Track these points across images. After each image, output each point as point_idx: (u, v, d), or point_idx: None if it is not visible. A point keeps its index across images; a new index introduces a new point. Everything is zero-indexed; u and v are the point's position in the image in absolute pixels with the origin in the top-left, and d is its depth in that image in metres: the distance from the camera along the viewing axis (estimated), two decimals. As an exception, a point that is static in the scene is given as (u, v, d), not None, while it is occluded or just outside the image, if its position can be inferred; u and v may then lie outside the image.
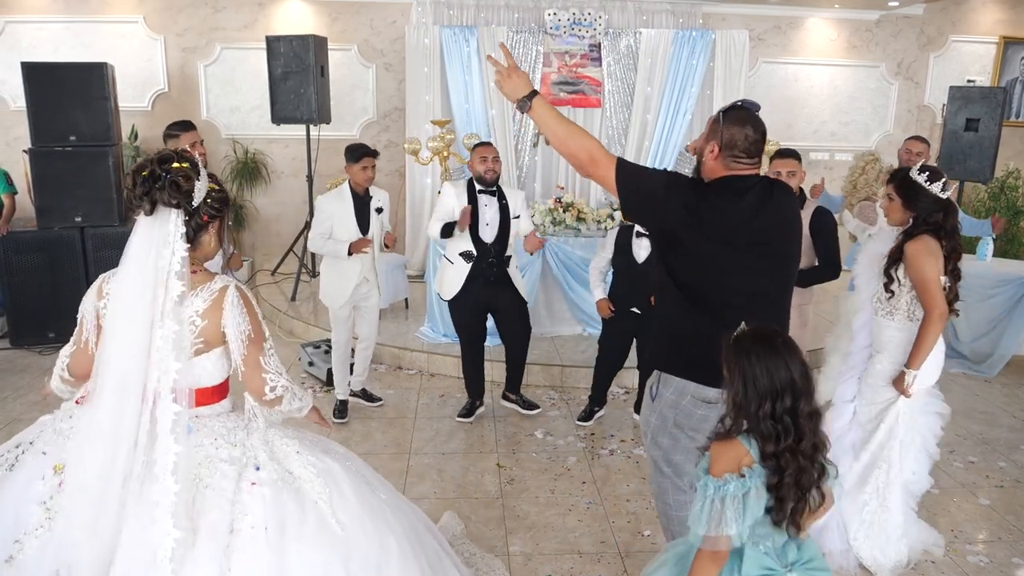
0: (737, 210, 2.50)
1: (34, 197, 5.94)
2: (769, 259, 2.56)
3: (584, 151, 2.52)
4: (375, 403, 5.03)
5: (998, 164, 6.85)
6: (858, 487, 3.34)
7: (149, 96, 7.91)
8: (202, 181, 2.16)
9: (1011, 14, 8.75)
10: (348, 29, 8.07)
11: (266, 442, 2.27)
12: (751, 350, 1.90)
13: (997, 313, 5.78)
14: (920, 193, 3.11)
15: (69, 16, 7.65)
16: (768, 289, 2.58)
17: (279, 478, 2.19)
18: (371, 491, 2.39)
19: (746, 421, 1.90)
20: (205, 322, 2.16)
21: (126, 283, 2.13)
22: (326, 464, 2.29)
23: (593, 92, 7.86)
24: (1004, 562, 3.46)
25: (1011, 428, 4.95)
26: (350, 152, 4.60)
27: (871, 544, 3.35)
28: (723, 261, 2.49)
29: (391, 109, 8.24)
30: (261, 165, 8.17)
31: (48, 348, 5.92)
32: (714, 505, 1.84)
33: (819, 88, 8.72)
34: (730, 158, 2.52)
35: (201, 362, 2.20)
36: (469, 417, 4.86)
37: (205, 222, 2.22)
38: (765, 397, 1.86)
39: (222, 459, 2.17)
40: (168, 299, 2.08)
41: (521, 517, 3.74)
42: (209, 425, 2.24)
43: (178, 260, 2.11)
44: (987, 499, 4.03)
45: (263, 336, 2.26)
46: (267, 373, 2.25)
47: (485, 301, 4.70)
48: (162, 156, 2.14)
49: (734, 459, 1.89)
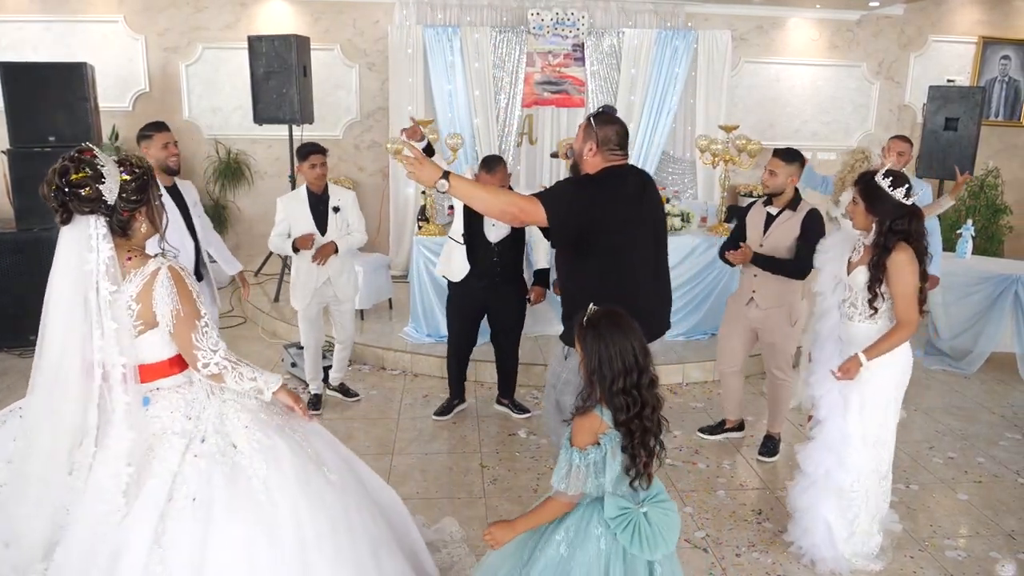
0: (625, 192, 3.04)
1: (13, 198, 5.89)
2: (654, 231, 3.16)
3: (511, 205, 2.92)
4: (352, 398, 5.06)
5: (977, 163, 6.93)
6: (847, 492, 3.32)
7: (130, 96, 7.85)
8: (108, 181, 2.15)
9: (990, 14, 8.83)
10: (331, 29, 8.04)
11: (219, 414, 2.35)
12: (605, 333, 2.17)
13: (976, 310, 5.84)
14: (882, 198, 3.08)
15: (48, 16, 7.59)
16: (659, 260, 3.18)
17: (218, 451, 2.26)
18: (317, 471, 2.41)
19: (600, 394, 2.18)
20: (139, 305, 2.21)
21: (56, 288, 2.18)
22: (272, 441, 2.34)
23: (576, 92, 7.88)
24: (982, 557, 3.50)
25: (990, 424, 5.00)
26: (299, 151, 4.65)
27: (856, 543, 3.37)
28: (626, 235, 3.00)
29: (374, 109, 8.23)
30: (244, 166, 8.13)
31: (28, 351, 5.86)
32: (578, 471, 2.18)
33: (801, 88, 8.77)
34: (607, 151, 3.05)
35: (147, 339, 2.25)
36: (445, 415, 4.86)
37: (126, 217, 2.24)
38: (618, 375, 2.15)
39: (175, 431, 2.27)
40: (101, 300, 2.14)
41: (504, 516, 3.73)
42: (168, 397, 2.32)
43: (104, 261, 2.15)
44: (965, 494, 4.07)
45: (197, 314, 2.27)
46: (198, 349, 2.26)
47: (483, 301, 4.69)
48: (61, 168, 2.13)
49: (592, 430, 2.20)
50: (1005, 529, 3.73)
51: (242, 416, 2.36)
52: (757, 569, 3.37)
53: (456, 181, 2.80)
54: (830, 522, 3.32)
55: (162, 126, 4.13)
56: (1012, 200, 8.68)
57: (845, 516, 3.32)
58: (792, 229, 4.11)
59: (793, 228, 4.10)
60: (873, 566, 3.36)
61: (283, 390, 2.46)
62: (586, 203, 2.96)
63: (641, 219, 3.09)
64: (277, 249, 4.80)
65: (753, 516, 3.82)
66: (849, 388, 3.22)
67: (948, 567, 3.41)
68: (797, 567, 3.38)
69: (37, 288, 6.49)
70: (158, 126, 4.12)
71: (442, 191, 2.77)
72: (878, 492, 3.35)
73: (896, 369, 3.23)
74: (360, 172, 8.33)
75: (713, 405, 5.16)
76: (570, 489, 2.20)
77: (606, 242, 2.99)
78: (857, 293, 3.21)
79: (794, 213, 4.13)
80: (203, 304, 2.31)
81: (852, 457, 3.26)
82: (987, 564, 3.44)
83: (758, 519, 3.78)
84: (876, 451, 3.28)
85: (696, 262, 5.95)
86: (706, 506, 3.90)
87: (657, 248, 3.20)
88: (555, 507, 2.27)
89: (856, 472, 3.28)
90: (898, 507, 3.85)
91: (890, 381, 3.24)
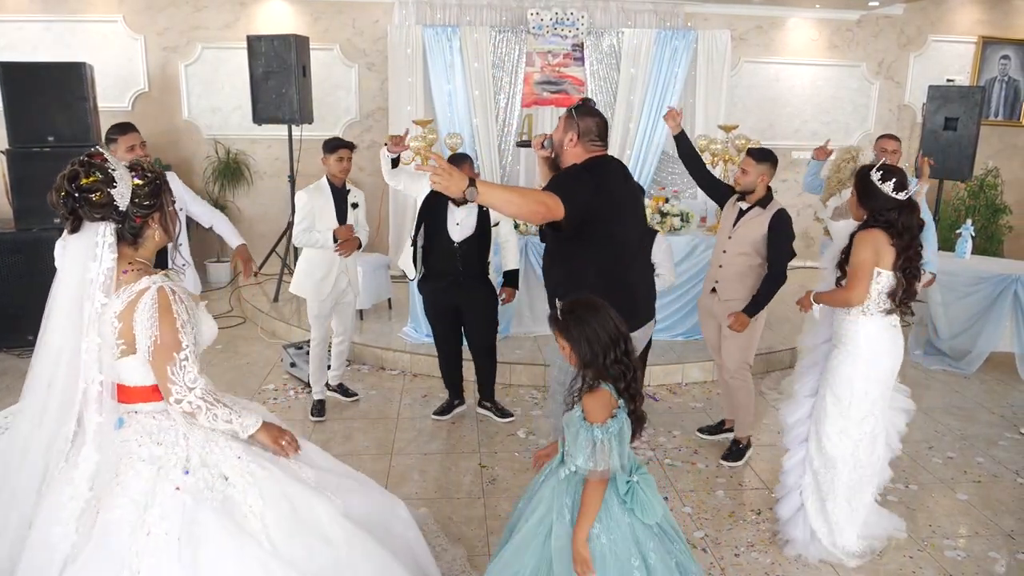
0: (615, 180, 3.12)
1: (12, 198, 5.89)
2: (639, 218, 3.34)
3: (540, 204, 2.86)
4: (351, 398, 5.06)
5: (977, 163, 6.92)
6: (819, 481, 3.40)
7: (129, 96, 7.85)
8: (120, 185, 2.08)
9: (990, 14, 8.83)
10: (330, 29, 8.04)
11: (206, 442, 2.20)
12: (584, 316, 2.33)
13: (976, 310, 5.83)
14: (873, 192, 3.16)
15: (48, 16, 7.59)
16: (643, 249, 3.41)
17: (206, 486, 2.12)
18: (320, 498, 2.28)
19: (598, 372, 2.32)
20: (121, 324, 2.11)
21: (56, 299, 2.13)
22: (268, 472, 2.21)
23: (576, 92, 7.87)
24: (981, 556, 3.50)
25: (989, 424, 5.00)
26: (326, 144, 4.66)
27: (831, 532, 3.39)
28: (619, 223, 3.08)
29: (374, 109, 8.22)
30: (243, 166, 8.13)
31: (27, 351, 5.86)
32: (603, 445, 2.28)
33: (800, 88, 8.77)
34: (588, 142, 3.10)
35: (128, 363, 2.15)
36: (444, 415, 4.86)
37: (139, 223, 2.16)
38: (608, 348, 2.31)
39: (141, 458, 2.13)
40: (92, 311, 2.08)
41: (503, 516, 3.74)
42: (142, 422, 2.19)
43: (103, 271, 2.08)
44: (965, 494, 4.06)
45: (177, 345, 2.12)
46: (173, 384, 2.13)
47: (453, 300, 4.64)
48: (70, 173, 2.07)
49: (607, 404, 2.32)
50: (1004, 529, 3.73)
51: (233, 446, 2.22)
52: (756, 569, 3.37)
53: (484, 188, 2.71)
54: (804, 502, 3.43)
55: (127, 128, 4.08)
56: (1012, 200, 8.68)
57: (818, 497, 3.39)
58: (760, 226, 4.16)
59: (761, 225, 4.16)
60: (848, 561, 3.37)
61: (263, 431, 2.30)
62: (589, 191, 2.99)
63: (629, 207, 3.20)
64: (304, 243, 4.65)
65: (752, 516, 3.81)
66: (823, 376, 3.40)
67: (947, 567, 3.41)
68: (796, 567, 3.38)
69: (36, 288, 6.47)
70: (123, 128, 4.07)
71: (472, 200, 2.67)
72: (852, 481, 3.37)
73: (862, 364, 3.26)
74: (360, 172, 8.31)
75: (713, 405, 5.15)
76: (599, 465, 2.28)
77: (603, 230, 3.03)
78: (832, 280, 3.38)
79: (763, 211, 4.20)
80: (186, 334, 2.14)
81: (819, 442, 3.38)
82: (986, 564, 3.44)
83: (757, 519, 3.78)
84: (840, 439, 3.32)
85: (695, 262, 5.95)
86: (705, 506, 3.89)
87: (641, 237, 3.41)
88: (596, 489, 2.33)
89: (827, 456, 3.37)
90: (897, 507, 3.86)
91: (853, 374, 3.27)
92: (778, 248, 4.12)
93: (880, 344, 3.27)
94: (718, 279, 4.30)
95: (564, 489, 2.43)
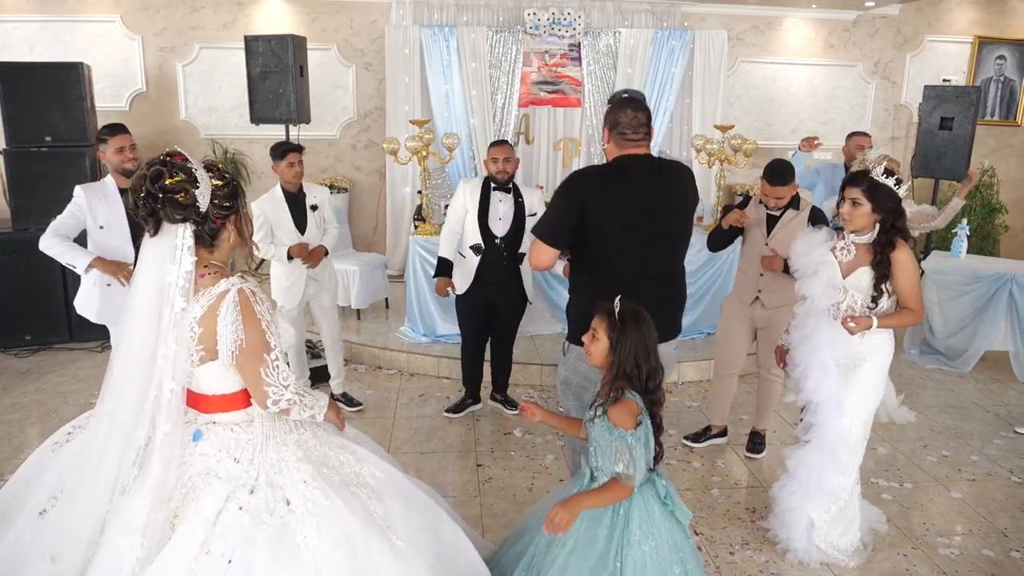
0: (626, 185, 2.89)
1: (9, 198, 5.90)
2: (661, 227, 2.96)
3: (531, 260, 3.00)
4: (355, 407, 5.02)
5: (973, 162, 6.93)
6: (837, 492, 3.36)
7: (127, 96, 7.85)
8: (203, 185, 2.04)
9: (986, 14, 8.85)
10: (328, 29, 8.05)
11: (278, 461, 2.13)
12: (635, 329, 2.38)
13: (971, 309, 5.85)
14: (890, 197, 3.07)
15: (45, 15, 7.59)
16: (664, 258, 3.03)
17: (266, 509, 2.05)
18: (380, 539, 2.13)
19: (628, 381, 2.37)
20: (201, 329, 2.05)
21: (135, 301, 2.06)
22: (330, 502, 2.10)
23: (573, 91, 7.89)
24: (975, 555, 3.51)
25: (983, 422, 5.01)
26: (274, 150, 4.60)
27: (833, 535, 3.39)
28: (626, 231, 2.87)
29: (371, 109, 8.23)
30: (241, 166, 8.12)
31: (24, 351, 5.88)
32: (636, 452, 2.32)
33: (797, 87, 8.78)
34: (619, 136, 2.92)
35: (208, 370, 2.09)
36: (458, 413, 4.89)
37: (219, 225, 2.12)
38: (645, 360, 2.38)
39: (218, 475, 2.07)
40: (172, 316, 2.01)
41: (498, 515, 3.76)
42: (220, 435, 2.14)
43: (183, 275, 2.02)
44: (959, 492, 4.08)
45: (266, 346, 2.08)
46: (269, 386, 2.09)
47: (489, 299, 4.68)
48: (153, 173, 2.00)
49: (633, 412, 2.35)
50: (998, 527, 3.75)
51: (303, 468, 2.14)
52: (751, 567, 3.39)
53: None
54: (814, 519, 3.36)
55: (117, 128, 4.03)
56: (1008, 199, 8.70)
57: (830, 512, 3.36)
58: (801, 226, 3.99)
59: (801, 225, 4.00)
60: (849, 561, 3.38)
61: (331, 409, 2.35)
62: (571, 206, 2.90)
63: (644, 214, 2.89)
64: (263, 254, 4.67)
65: (747, 514, 3.83)
66: (844, 388, 3.23)
67: (941, 565, 3.42)
68: (790, 566, 3.39)
69: (32, 288, 6.52)
70: (112, 129, 4.02)
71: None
72: (852, 481, 3.38)
73: (886, 362, 3.27)
74: (357, 172, 8.33)
75: (709, 405, 5.16)
76: (627, 470, 2.33)
77: (597, 239, 2.90)
78: (856, 295, 3.17)
79: (798, 212, 4.13)
80: (273, 334, 2.11)
81: (846, 456, 3.28)
82: (980, 562, 3.45)
83: (752, 517, 3.79)
84: (861, 447, 3.32)
85: (691, 261, 5.93)
86: (700, 505, 3.91)
87: (663, 245, 3.01)
88: (620, 490, 2.36)
89: (849, 471, 3.31)
90: (891, 505, 3.88)
91: (881, 382, 3.28)
92: None
93: (890, 345, 3.29)
94: (761, 288, 4.20)
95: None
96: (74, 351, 5.90)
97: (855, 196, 3.10)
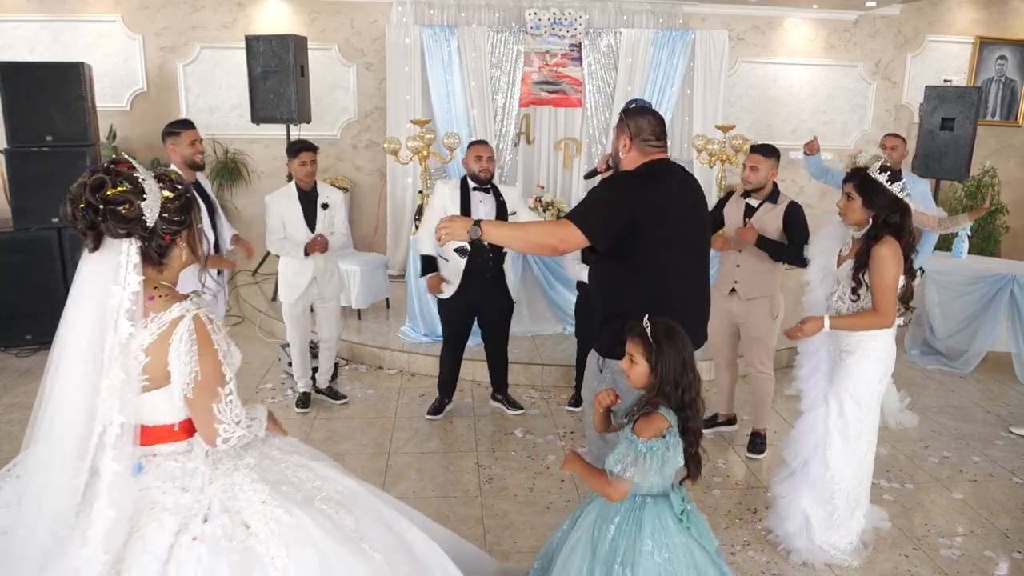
0: (665, 189, 2.80)
1: (10, 198, 5.89)
2: (695, 228, 2.90)
3: (549, 237, 2.77)
4: (340, 400, 5.06)
5: (974, 163, 6.93)
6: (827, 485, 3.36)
7: (127, 96, 7.85)
8: (150, 197, 1.84)
9: (986, 14, 8.85)
10: (328, 29, 8.05)
11: (230, 486, 1.97)
12: (670, 346, 2.35)
13: (972, 310, 5.85)
14: (881, 193, 3.12)
15: (46, 15, 7.59)
16: (697, 267, 2.93)
17: (224, 535, 1.88)
18: (354, 552, 2.01)
19: (665, 399, 2.35)
20: (149, 358, 1.85)
21: (71, 327, 1.84)
22: (295, 519, 1.95)
23: (574, 91, 7.89)
24: (976, 556, 3.51)
25: (985, 423, 5.01)
26: (289, 149, 4.72)
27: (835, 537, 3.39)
28: (666, 237, 2.75)
29: (372, 109, 8.23)
30: (241, 165, 8.13)
31: (25, 350, 5.87)
32: (643, 459, 2.29)
33: (798, 88, 8.78)
34: (643, 143, 2.84)
35: (152, 399, 1.90)
36: (437, 415, 4.88)
37: (168, 241, 1.93)
38: (682, 376, 2.36)
39: (165, 508, 1.89)
40: (117, 342, 1.81)
41: (499, 515, 3.75)
42: (163, 466, 1.95)
43: (129, 296, 1.81)
44: (960, 493, 4.08)
45: (221, 379, 1.91)
46: (221, 424, 1.91)
47: (475, 302, 4.69)
48: (94, 182, 1.80)
49: (659, 428, 2.33)
50: (1000, 528, 3.74)
51: (259, 489, 1.98)
52: (752, 567, 3.38)
53: (487, 226, 2.76)
54: (808, 514, 3.37)
55: (189, 124, 4.27)
56: (1009, 200, 8.70)
57: (824, 508, 3.36)
58: (774, 220, 4.18)
59: (775, 219, 4.17)
60: (851, 561, 3.38)
61: (270, 420, 2.20)
62: (623, 203, 2.73)
63: (682, 218, 2.83)
64: (277, 250, 4.74)
65: (748, 515, 3.82)
66: (835, 383, 3.29)
67: (943, 565, 3.42)
68: (792, 566, 3.39)
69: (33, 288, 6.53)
70: (185, 123, 4.26)
71: (475, 237, 2.72)
72: (857, 484, 3.37)
73: (881, 366, 3.27)
74: (357, 172, 8.33)
75: (708, 402, 5.15)
76: (631, 475, 2.29)
77: (643, 247, 2.74)
78: (845, 287, 3.24)
79: (775, 205, 4.22)
80: (229, 366, 1.96)
81: (832, 450, 3.30)
82: (982, 563, 3.45)
83: (753, 518, 3.79)
84: (856, 444, 3.31)
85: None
86: (701, 505, 3.90)
87: (695, 254, 2.93)
88: (602, 482, 2.38)
89: (836, 466, 3.32)
90: (892, 506, 3.87)
91: (874, 378, 3.28)
92: (798, 233, 4.12)
93: (892, 344, 3.29)
94: (737, 279, 4.28)
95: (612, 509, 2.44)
96: (75, 351, 5.88)
97: (849, 190, 3.22)
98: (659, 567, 2.33)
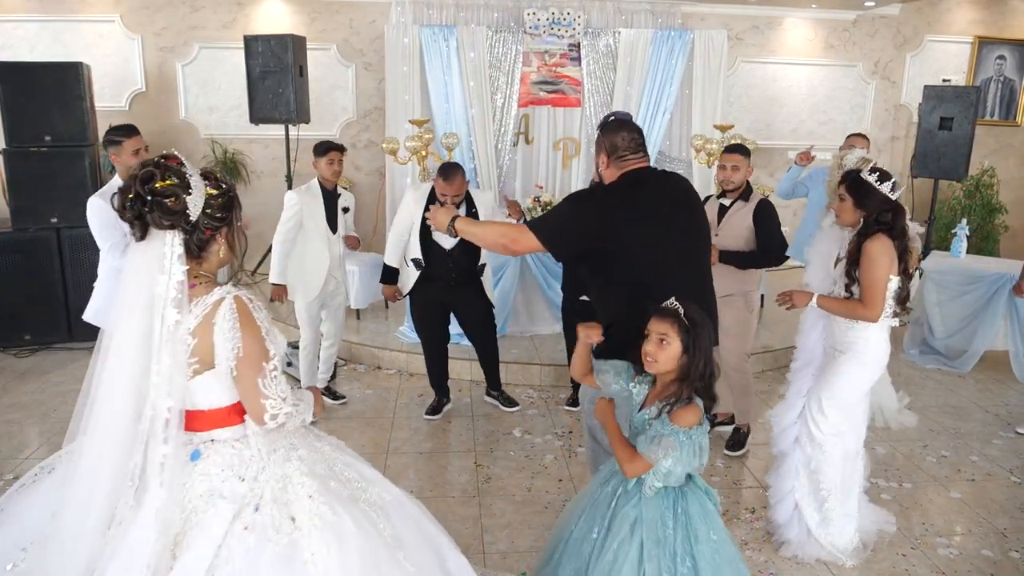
0: (642, 195, 2.80)
1: (9, 198, 5.90)
2: (680, 232, 2.85)
3: (502, 236, 2.88)
4: (339, 401, 5.07)
5: (973, 162, 6.93)
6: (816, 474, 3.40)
7: (126, 96, 7.85)
8: (195, 192, 1.93)
9: (985, 14, 8.85)
10: (327, 29, 8.04)
11: (282, 477, 2.02)
12: (703, 327, 2.36)
13: (971, 310, 5.85)
14: (871, 193, 3.15)
15: (45, 15, 7.59)
16: (687, 262, 2.87)
17: (272, 525, 1.92)
18: (390, 559, 2.02)
19: (692, 387, 2.37)
20: (196, 340, 1.93)
21: (121, 315, 1.93)
22: (338, 518, 1.98)
23: (573, 91, 7.89)
24: (974, 555, 3.51)
25: (983, 423, 5.01)
26: (317, 147, 4.72)
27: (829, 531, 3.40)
28: (645, 242, 2.73)
29: (371, 109, 8.23)
30: (240, 165, 8.12)
31: (24, 350, 5.88)
32: (680, 444, 2.31)
33: (797, 87, 8.78)
34: (619, 160, 2.86)
35: (203, 382, 1.97)
36: (435, 415, 4.89)
37: (208, 236, 2.01)
38: (709, 360, 2.38)
39: (223, 495, 1.95)
40: (164, 330, 1.89)
41: (497, 515, 3.76)
42: (222, 452, 2.02)
43: (175, 285, 1.90)
44: (959, 492, 4.08)
45: (265, 354, 1.97)
46: (267, 399, 1.96)
47: (442, 300, 4.71)
48: (144, 175, 1.89)
49: (698, 417, 2.36)
50: (998, 527, 3.75)
51: (307, 483, 2.02)
52: (750, 567, 3.36)
53: (460, 224, 2.93)
54: (799, 504, 3.41)
55: (133, 130, 4.01)
56: (1007, 199, 8.69)
57: (815, 497, 3.39)
58: (744, 218, 4.24)
59: (745, 218, 4.24)
60: (847, 560, 3.38)
61: (317, 403, 2.23)
62: (590, 216, 2.75)
63: (667, 224, 2.80)
64: (283, 242, 4.65)
65: (746, 514, 3.83)
66: (819, 379, 3.36)
67: (940, 565, 3.42)
68: (790, 565, 3.39)
69: (32, 288, 6.52)
70: (128, 130, 3.99)
71: (452, 231, 2.94)
72: (843, 475, 3.39)
73: (867, 372, 3.30)
74: (357, 172, 8.33)
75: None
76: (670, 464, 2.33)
77: (622, 253, 2.74)
78: (840, 285, 3.27)
79: (746, 203, 4.30)
80: (271, 342, 2.00)
81: (813, 442, 3.35)
82: (980, 562, 3.45)
83: (751, 517, 3.79)
84: (836, 439, 3.33)
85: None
86: (700, 505, 3.91)
87: (691, 259, 2.89)
88: (629, 453, 2.40)
89: (818, 457, 3.36)
90: (891, 505, 3.87)
91: (858, 382, 3.30)
92: (768, 236, 4.19)
93: (885, 346, 3.30)
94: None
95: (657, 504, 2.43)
96: (74, 351, 5.89)
97: (841, 192, 3.28)
98: (714, 547, 2.39)
